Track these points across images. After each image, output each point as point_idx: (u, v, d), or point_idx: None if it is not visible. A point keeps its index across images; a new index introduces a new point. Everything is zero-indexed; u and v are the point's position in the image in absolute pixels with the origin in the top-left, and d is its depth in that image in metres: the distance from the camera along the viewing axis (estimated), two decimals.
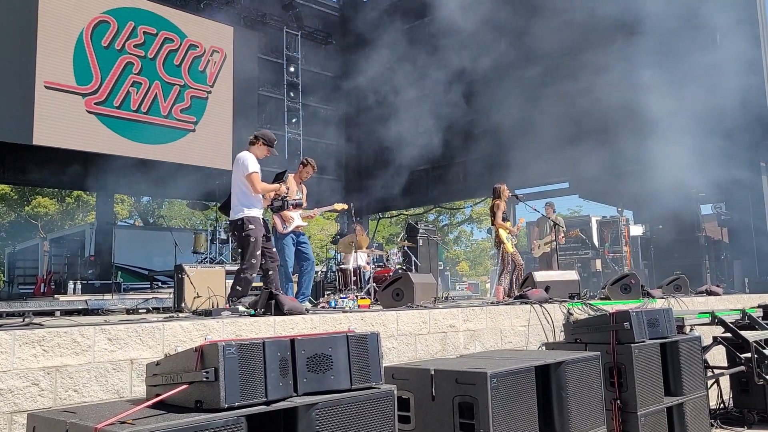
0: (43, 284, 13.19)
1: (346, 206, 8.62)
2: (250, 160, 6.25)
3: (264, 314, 4.86)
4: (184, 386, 2.72)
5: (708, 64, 12.83)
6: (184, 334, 4.08)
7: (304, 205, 7.96)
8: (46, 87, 13.15)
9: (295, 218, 7.74)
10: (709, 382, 7.09)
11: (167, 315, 5.78)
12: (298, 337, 3.03)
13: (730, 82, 12.43)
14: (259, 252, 6.20)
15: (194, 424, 2.49)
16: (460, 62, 16.54)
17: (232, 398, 2.66)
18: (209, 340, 2.76)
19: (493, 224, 9.66)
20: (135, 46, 14.69)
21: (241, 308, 5.23)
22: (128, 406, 2.81)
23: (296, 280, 8.19)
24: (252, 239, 6.14)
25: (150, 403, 2.75)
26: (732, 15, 12.57)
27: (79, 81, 13.68)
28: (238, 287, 6.12)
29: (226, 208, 6.58)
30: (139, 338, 3.86)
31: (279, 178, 6.89)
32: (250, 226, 6.15)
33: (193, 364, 2.72)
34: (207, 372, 2.66)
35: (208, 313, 5.09)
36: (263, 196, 6.49)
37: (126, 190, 20.29)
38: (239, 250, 6.16)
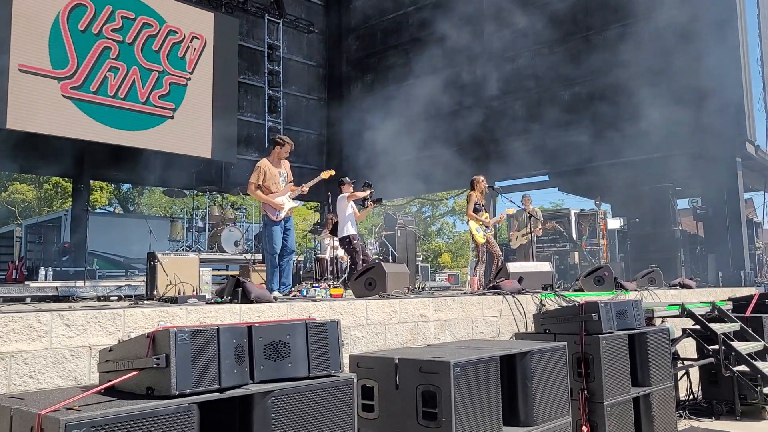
0: (15, 270, 12.99)
1: (332, 172, 8.65)
2: None
3: (230, 302, 4.80)
4: (135, 372, 2.67)
5: (688, 62, 12.91)
6: (146, 321, 4.01)
7: (290, 179, 7.94)
8: (21, 70, 12.91)
9: (286, 204, 7.65)
10: (679, 374, 7.17)
11: (131, 301, 5.70)
12: (256, 324, 2.99)
13: (709, 79, 12.52)
14: None
15: (142, 411, 2.44)
16: (443, 53, 16.51)
17: (183, 385, 2.62)
18: (162, 326, 2.71)
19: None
20: (113, 30, 14.44)
21: (207, 295, 5.18)
22: (79, 392, 2.75)
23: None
24: None
25: (99, 388, 2.69)
26: (713, 15, 12.64)
27: (55, 65, 13.44)
28: None
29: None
30: (98, 324, 3.79)
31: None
32: None
33: (144, 350, 2.68)
34: (158, 358, 2.62)
35: (174, 300, 5.03)
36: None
37: (102, 176, 20.02)
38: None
